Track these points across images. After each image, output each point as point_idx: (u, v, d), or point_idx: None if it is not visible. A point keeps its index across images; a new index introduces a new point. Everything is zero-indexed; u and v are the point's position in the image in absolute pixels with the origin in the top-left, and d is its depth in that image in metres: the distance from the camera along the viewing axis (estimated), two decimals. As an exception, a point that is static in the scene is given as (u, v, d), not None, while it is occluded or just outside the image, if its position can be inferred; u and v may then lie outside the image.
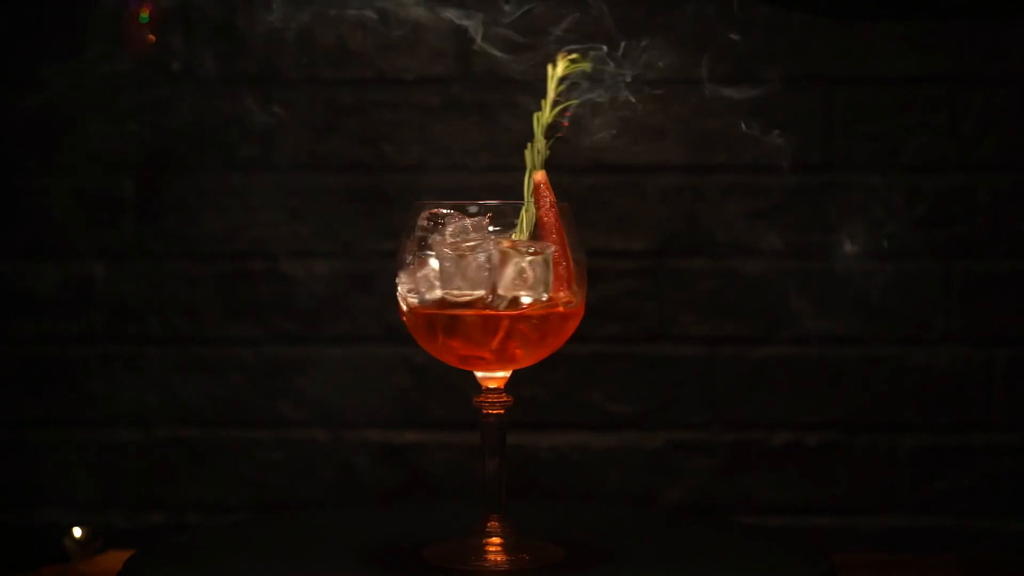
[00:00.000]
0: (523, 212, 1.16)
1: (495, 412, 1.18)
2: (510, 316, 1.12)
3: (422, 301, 1.13)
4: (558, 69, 1.20)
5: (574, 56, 1.22)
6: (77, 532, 1.59)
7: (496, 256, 1.12)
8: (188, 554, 1.22)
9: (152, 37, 1.73)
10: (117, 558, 1.57)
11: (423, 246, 1.14)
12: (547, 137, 1.19)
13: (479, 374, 1.18)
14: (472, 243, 1.12)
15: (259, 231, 1.79)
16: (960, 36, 1.75)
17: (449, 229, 1.13)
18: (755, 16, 1.75)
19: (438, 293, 1.13)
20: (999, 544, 1.77)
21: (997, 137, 1.75)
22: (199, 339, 1.80)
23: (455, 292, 1.12)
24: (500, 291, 1.12)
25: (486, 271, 1.12)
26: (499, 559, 1.14)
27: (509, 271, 1.12)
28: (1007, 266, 1.76)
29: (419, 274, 1.14)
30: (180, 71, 1.77)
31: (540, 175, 1.19)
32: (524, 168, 1.80)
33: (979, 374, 1.77)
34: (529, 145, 1.19)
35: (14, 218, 1.80)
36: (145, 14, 1.71)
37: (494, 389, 1.18)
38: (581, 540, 1.23)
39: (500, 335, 1.13)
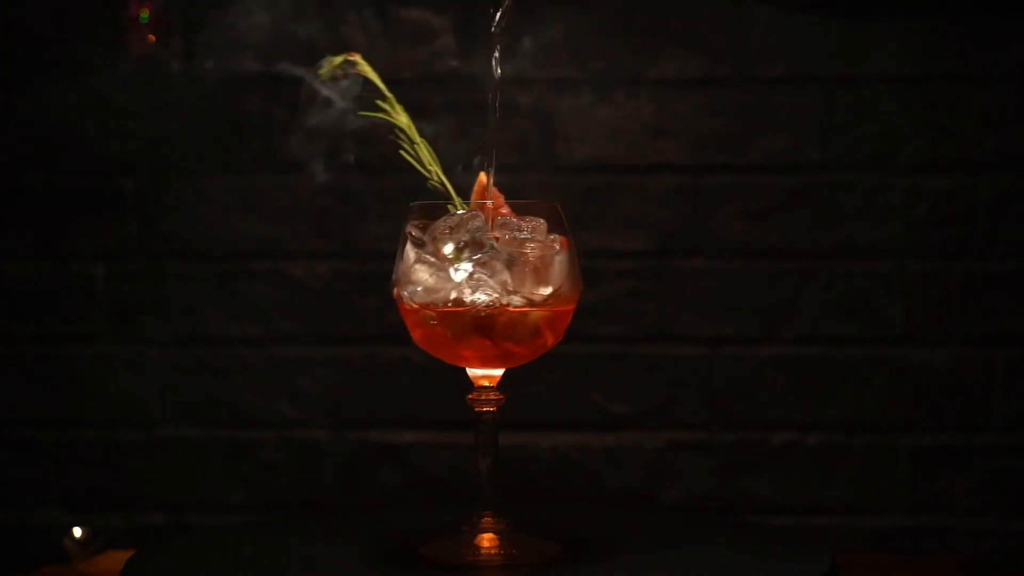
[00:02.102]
0: (451, 208, 1.18)
1: (488, 410, 1.19)
2: (559, 311, 1.15)
3: (487, 301, 1.13)
4: (368, 70, 1.21)
5: (339, 59, 1.22)
6: (77, 532, 1.59)
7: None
8: (188, 554, 1.22)
9: (152, 37, 1.73)
10: (117, 558, 1.57)
11: (489, 248, 1.14)
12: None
13: (474, 372, 1.18)
14: (543, 242, 1.14)
15: (259, 231, 1.79)
16: (960, 36, 1.75)
17: (528, 229, 1.14)
18: (755, 16, 1.76)
19: (508, 292, 1.13)
20: (999, 544, 1.77)
21: (997, 137, 1.75)
22: (199, 339, 1.80)
23: (537, 291, 1.14)
24: (553, 287, 1.14)
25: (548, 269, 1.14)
26: (492, 554, 1.15)
27: (556, 267, 1.14)
28: (1007, 266, 1.76)
29: (486, 276, 1.13)
30: (180, 71, 1.77)
31: (485, 177, 1.20)
32: (522, 168, 1.80)
33: (979, 374, 1.77)
34: (415, 147, 1.19)
35: (14, 218, 1.80)
36: (145, 14, 1.71)
37: (487, 387, 1.19)
38: (576, 537, 1.23)
39: (548, 329, 1.15)
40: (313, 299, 1.79)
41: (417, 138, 1.19)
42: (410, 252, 1.17)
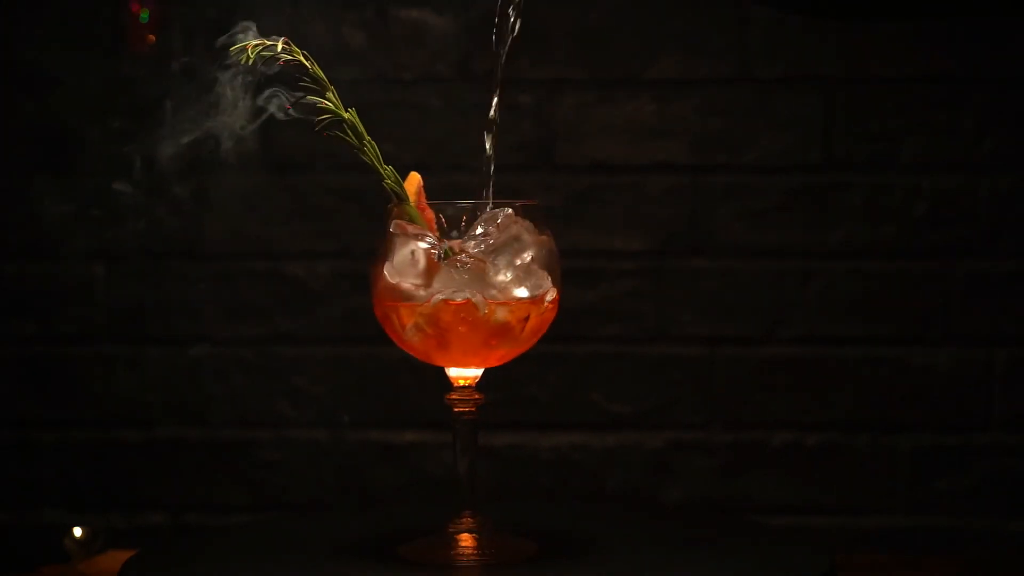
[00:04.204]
0: (409, 209, 1.18)
1: (467, 410, 1.19)
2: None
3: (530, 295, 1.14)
4: (300, 56, 1.21)
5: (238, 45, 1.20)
6: (77, 532, 1.59)
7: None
8: (188, 554, 1.22)
9: (152, 37, 1.73)
10: (117, 558, 1.56)
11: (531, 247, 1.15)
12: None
13: (454, 372, 1.19)
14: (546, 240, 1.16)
15: (259, 231, 1.79)
16: (960, 36, 1.75)
17: (526, 229, 1.16)
18: (755, 16, 1.75)
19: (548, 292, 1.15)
20: (999, 544, 1.77)
21: (997, 137, 1.75)
22: (199, 339, 1.80)
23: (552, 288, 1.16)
24: (555, 282, 1.16)
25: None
26: (469, 553, 1.15)
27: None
28: (1007, 266, 1.76)
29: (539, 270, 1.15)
30: (180, 71, 1.77)
31: (418, 176, 1.21)
32: (522, 168, 1.80)
33: (979, 374, 1.77)
34: (367, 144, 1.18)
35: (15, 218, 1.80)
36: (145, 14, 1.71)
37: (466, 387, 1.19)
38: (558, 536, 1.22)
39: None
40: (313, 299, 1.79)
41: (366, 135, 1.18)
42: (417, 249, 1.18)
